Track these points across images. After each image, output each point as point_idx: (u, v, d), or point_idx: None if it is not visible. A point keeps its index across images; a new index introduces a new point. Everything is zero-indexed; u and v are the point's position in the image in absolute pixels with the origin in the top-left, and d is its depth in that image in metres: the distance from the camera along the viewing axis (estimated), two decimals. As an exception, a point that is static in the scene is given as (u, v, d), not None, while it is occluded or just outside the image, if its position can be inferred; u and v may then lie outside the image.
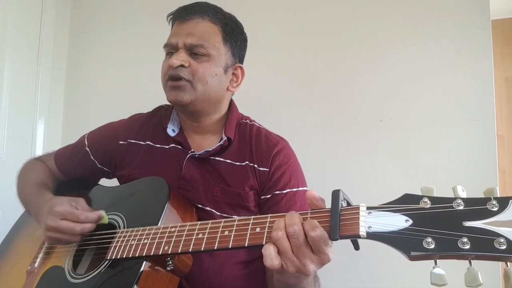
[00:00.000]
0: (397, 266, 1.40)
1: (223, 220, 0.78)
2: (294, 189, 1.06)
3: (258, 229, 0.73)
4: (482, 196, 0.60)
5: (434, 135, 1.47)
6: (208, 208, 1.04)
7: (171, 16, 1.12)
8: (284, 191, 1.05)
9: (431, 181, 1.43)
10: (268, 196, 1.05)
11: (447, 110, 1.47)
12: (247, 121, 1.17)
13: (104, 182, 1.26)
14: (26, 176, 1.20)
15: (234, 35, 1.10)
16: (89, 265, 1.00)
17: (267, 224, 0.72)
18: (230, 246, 0.74)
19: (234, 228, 0.75)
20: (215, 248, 0.75)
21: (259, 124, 1.18)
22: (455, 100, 1.47)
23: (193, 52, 1.04)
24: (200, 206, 1.04)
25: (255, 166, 1.07)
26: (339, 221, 0.66)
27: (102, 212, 0.98)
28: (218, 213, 1.04)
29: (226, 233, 0.75)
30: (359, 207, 0.66)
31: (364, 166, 1.53)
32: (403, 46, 1.54)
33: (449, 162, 1.44)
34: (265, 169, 1.06)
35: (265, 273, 1.08)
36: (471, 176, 1.41)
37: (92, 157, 1.19)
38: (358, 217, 0.65)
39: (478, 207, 0.59)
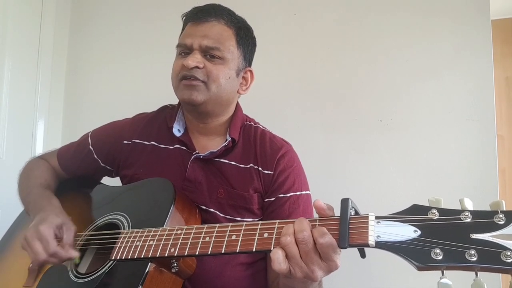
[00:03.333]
0: (401, 273, 1.41)
1: (230, 224, 0.78)
2: (298, 193, 1.07)
3: (266, 235, 0.73)
4: (488, 208, 0.61)
5: (434, 135, 1.47)
6: (212, 210, 1.04)
7: (185, 16, 1.11)
8: (288, 195, 1.06)
9: (430, 181, 1.45)
10: (272, 199, 1.06)
11: (447, 110, 1.47)
12: (252, 123, 1.17)
13: (106, 181, 1.26)
14: (29, 176, 1.19)
15: (246, 39, 1.11)
16: (90, 264, 1.00)
17: (275, 230, 0.73)
18: (237, 251, 0.74)
19: (242, 232, 0.75)
20: (222, 252, 0.75)
21: (263, 127, 1.18)
22: (455, 100, 1.47)
23: (208, 54, 1.04)
24: (203, 207, 1.04)
25: (260, 168, 1.07)
26: (348, 229, 0.66)
27: (76, 256, 0.95)
28: (221, 215, 1.04)
29: (234, 237, 0.75)
30: (368, 216, 0.67)
31: (364, 166, 1.53)
32: (403, 46, 1.54)
33: (449, 162, 1.44)
34: (269, 172, 1.07)
35: (266, 275, 1.08)
36: (471, 176, 1.42)
37: (95, 156, 1.19)
38: (367, 226, 0.65)
39: (485, 220, 0.60)
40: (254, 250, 0.72)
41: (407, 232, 0.63)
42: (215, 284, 1.00)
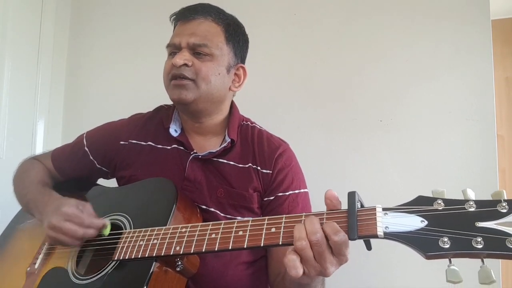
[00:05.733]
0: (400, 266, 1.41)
1: (236, 220, 0.79)
2: (296, 191, 1.08)
3: (273, 229, 0.74)
4: (490, 198, 0.63)
5: (434, 135, 1.47)
6: (212, 209, 1.04)
7: (174, 16, 1.12)
8: (287, 193, 1.07)
9: (430, 180, 1.45)
10: (271, 197, 1.07)
11: (447, 110, 1.47)
12: (248, 123, 1.18)
13: (103, 182, 1.25)
14: (25, 175, 1.19)
15: (236, 36, 1.11)
16: (90, 266, 0.99)
17: (283, 224, 0.74)
18: (245, 246, 0.75)
19: (249, 228, 0.76)
20: (230, 248, 0.75)
21: (260, 126, 1.19)
22: (455, 100, 1.47)
23: (196, 51, 1.04)
24: (204, 207, 1.04)
25: (258, 168, 1.08)
26: (356, 221, 0.68)
27: (107, 221, 0.96)
28: (222, 214, 1.04)
29: (241, 233, 0.76)
30: (375, 208, 0.69)
31: (364, 166, 1.53)
32: (403, 46, 1.54)
33: (449, 162, 1.44)
34: (268, 171, 1.08)
35: (267, 272, 1.09)
36: (471, 176, 1.41)
37: (91, 157, 1.19)
38: (375, 217, 0.67)
39: (489, 208, 0.62)
40: (262, 245, 0.73)
41: (414, 222, 0.65)
42: (218, 284, 1.01)
